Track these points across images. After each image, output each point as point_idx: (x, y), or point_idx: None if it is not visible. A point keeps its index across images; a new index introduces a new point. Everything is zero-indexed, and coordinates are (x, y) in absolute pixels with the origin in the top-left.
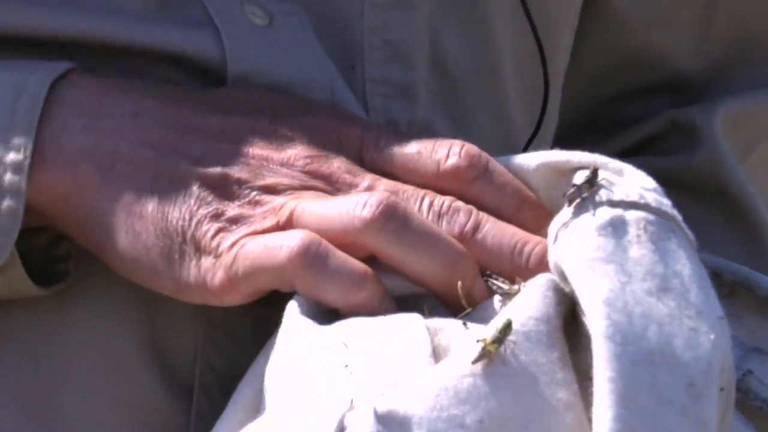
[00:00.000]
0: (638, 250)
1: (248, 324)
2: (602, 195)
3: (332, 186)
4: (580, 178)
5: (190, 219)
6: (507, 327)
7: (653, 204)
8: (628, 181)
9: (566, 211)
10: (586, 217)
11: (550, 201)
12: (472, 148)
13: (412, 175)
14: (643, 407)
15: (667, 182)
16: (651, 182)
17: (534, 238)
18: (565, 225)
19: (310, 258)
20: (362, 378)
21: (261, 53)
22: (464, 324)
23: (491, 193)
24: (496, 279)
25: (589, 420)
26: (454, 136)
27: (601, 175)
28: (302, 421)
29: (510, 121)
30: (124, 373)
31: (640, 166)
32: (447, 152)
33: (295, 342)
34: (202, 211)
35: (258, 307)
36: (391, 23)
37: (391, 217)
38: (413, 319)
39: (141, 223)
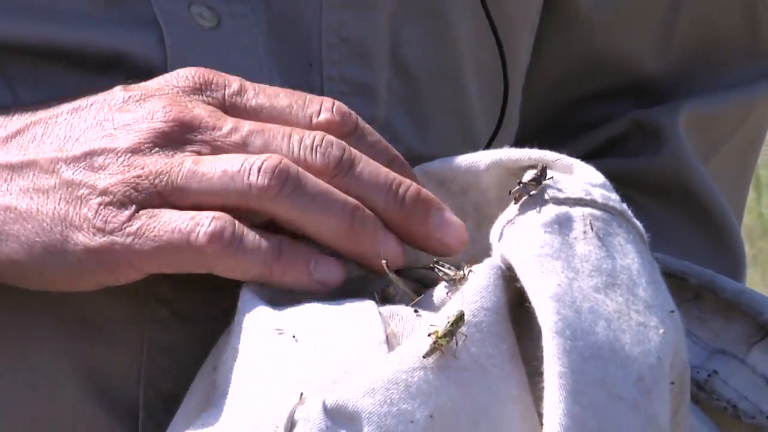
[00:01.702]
0: (585, 246)
1: (192, 343)
2: (548, 193)
3: (196, 131)
4: (527, 176)
5: (67, 204)
6: (459, 319)
7: (599, 200)
8: (576, 178)
9: (512, 209)
10: (532, 214)
11: (501, 200)
12: (342, 106)
13: None
14: (594, 402)
15: (631, 184)
16: (599, 178)
17: (407, 180)
18: (510, 222)
19: (226, 241)
20: (314, 368)
21: (202, 58)
22: (416, 311)
23: (362, 148)
24: (442, 266)
25: (540, 415)
26: (417, 137)
27: (549, 173)
28: (253, 417)
29: (471, 122)
30: (63, 405)
31: (603, 167)
32: (319, 107)
33: (246, 332)
34: (76, 192)
35: (201, 323)
36: (349, 22)
37: (286, 181)
38: (366, 306)
39: (17, 225)
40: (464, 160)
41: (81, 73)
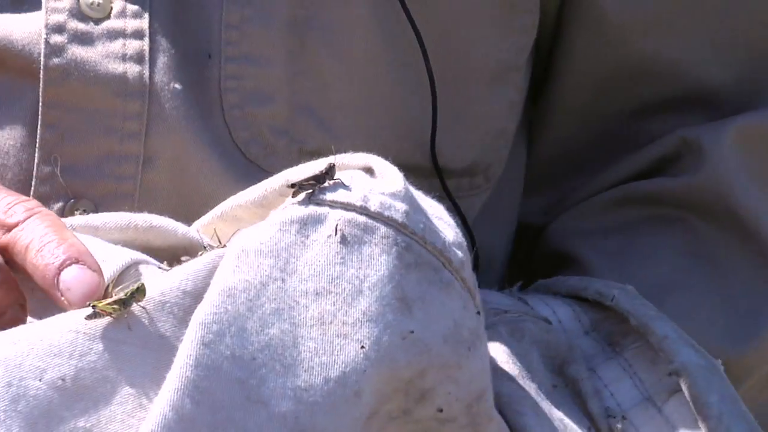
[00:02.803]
0: (320, 250)
1: None
2: (317, 193)
3: None
4: (314, 172)
5: None
6: (137, 291)
7: (373, 207)
8: (363, 183)
9: (286, 202)
10: (286, 210)
11: None
12: None
13: None
14: (217, 401)
15: (682, 204)
16: (396, 186)
17: None
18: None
19: None
20: None
21: (79, 51)
22: (161, 268)
23: None
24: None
25: None
26: (323, 136)
27: (339, 174)
28: None
29: (404, 119)
30: None
31: (652, 187)
32: None
33: None
34: None
35: None
36: (250, 18)
37: None
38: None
39: None
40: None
41: None
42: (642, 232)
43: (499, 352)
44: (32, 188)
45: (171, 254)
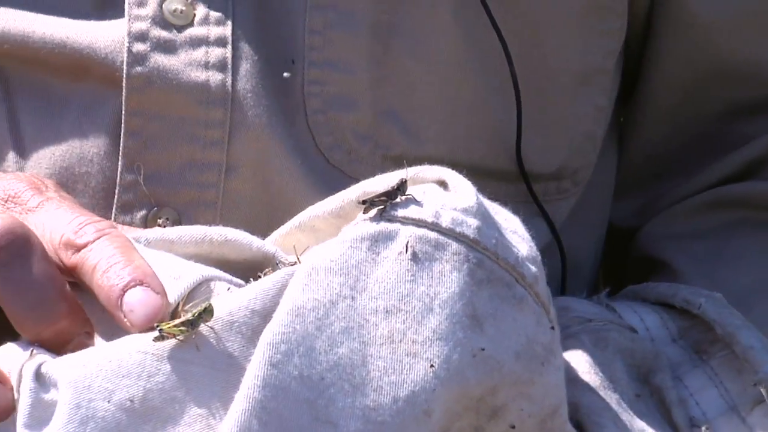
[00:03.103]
0: (390, 267)
1: None
2: (389, 209)
3: None
4: (387, 187)
5: None
6: (204, 312)
7: (445, 224)
8: (436, 199)
9: (358, 218)
10: (356, 226)
11: None
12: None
13: None
14: (284, 420)
15: None
16: (468, 201)
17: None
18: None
19: None
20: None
21: (161, 60)
22: (235, 284)
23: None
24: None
25: None
26: (409, 141)
27: (411, 189)
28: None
29: (485, 121)
30: None
31: (745, 191)
32: None
33: None
34: None
35: None
36: (333, 23)
37: None
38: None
39: None
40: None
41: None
42: (733, 236)
43: (581, 361)
44: (116, 196)
45: (247, 267)
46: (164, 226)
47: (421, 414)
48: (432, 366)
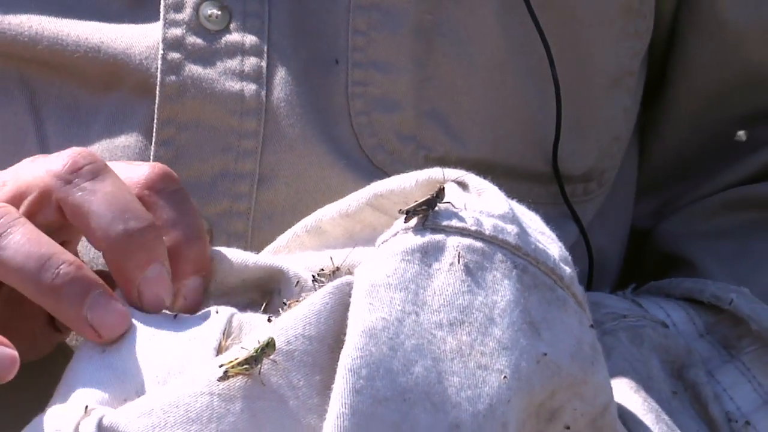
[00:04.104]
0: (445, 278)
1: None
2: (431, 218)
3: None
4: (424, 197)
5: None
6: (267, 346)
7: (488, 231)
8: (474, 205)
9: (392, 228)
10: (402, 238)
11: None
12: (166, 168)
13: None
14: None
15: None
16: (500, 208)
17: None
18: (385, 242)
19: None
20: (133, 371)
21: (197, 69)
22: (269, 320)
23: (173, 211)
24: (320, 277)
25: None
26: (451, 142)
27: (449, 196)
28: (52, 420)
29: (523, 123)
30: None
31: (765, 192)
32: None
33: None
34: None
35: None
36: (377, 24)
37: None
38: (218, 312)
39: None
40: (393, 182)
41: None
42: (755, 236)
43: (619, 360)
44: None
45: (249, 287)
46: None
47: (500, 427)
48: (505, 377)
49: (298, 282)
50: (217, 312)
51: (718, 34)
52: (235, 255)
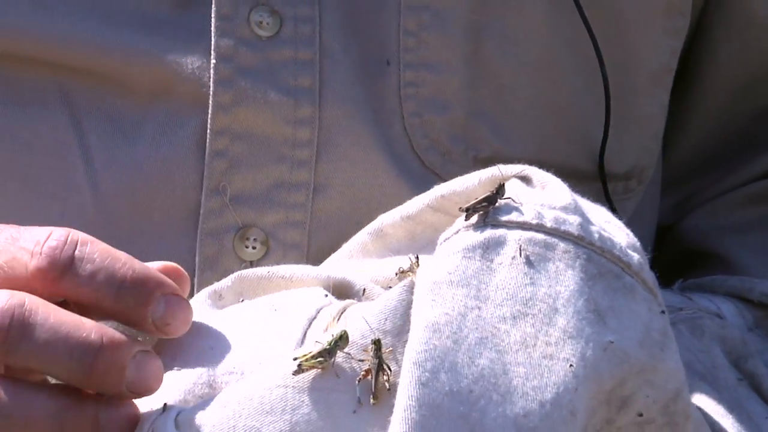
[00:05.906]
0: (507, 272)
1: None
2: (493, 213)
3: None
4: (485, 194)
5: None
6: (340, 339)
7: (549, 223)
8: (535, 198)
9: (454, 226)
10: (463, 235)
11: None
12: (53, 240)
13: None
14: None
15: None
16: (562, 199)
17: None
18: (447, 239)
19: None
20: (220, 359)
21: (249, 76)
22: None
23: (83, 288)
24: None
25: None
26: (501, 140)
27: (511, 191)
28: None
29: (574, 121)
30: None
31: None
32: (31, 252)
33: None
34: None
35: None
36: (427, 25)
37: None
38: (311, 296)
39: None
40: (457, 182)
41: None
42: None
43: (683, 351)
44: (201, 216)
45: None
46: (254, 248)
47: (568, 415)
48: (571, 366)
49: (364, 291)
50: (303, 297)
51: (747, 29)
52: (299, 270)
